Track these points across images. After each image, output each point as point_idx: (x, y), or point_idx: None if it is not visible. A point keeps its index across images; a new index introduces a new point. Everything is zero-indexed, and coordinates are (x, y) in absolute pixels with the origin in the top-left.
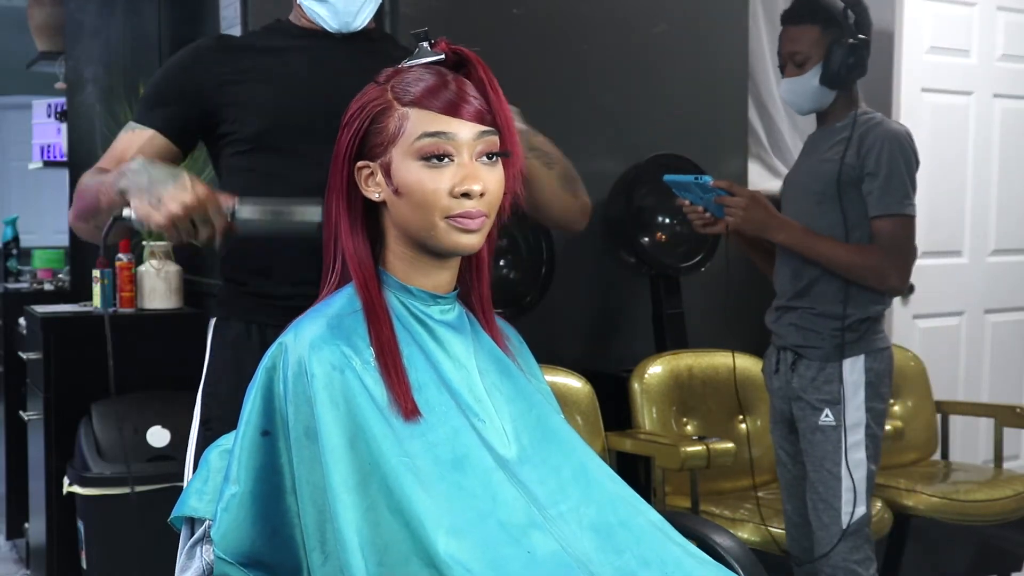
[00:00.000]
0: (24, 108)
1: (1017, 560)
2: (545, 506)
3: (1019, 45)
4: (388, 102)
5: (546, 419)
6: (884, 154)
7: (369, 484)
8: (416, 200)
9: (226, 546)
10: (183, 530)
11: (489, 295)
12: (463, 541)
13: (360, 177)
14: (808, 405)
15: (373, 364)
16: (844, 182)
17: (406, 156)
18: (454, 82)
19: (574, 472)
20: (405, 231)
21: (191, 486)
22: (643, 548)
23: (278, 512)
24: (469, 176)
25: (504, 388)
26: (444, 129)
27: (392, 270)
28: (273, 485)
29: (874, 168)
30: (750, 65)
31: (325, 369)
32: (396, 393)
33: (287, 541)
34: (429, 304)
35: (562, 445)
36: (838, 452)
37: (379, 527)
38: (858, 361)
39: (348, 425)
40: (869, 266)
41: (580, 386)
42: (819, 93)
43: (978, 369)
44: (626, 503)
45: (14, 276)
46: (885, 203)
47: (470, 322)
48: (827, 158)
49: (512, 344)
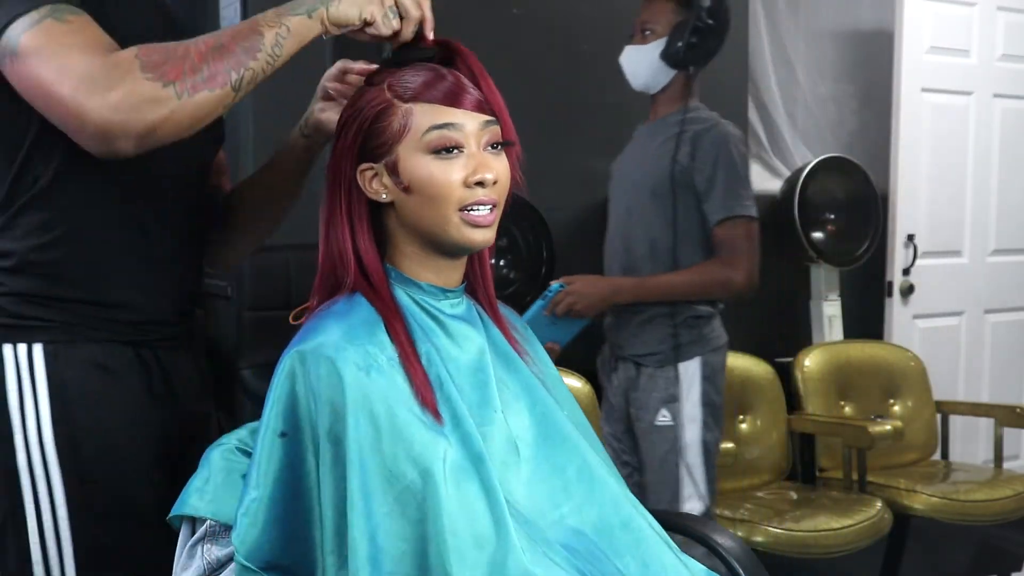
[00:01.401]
0: None
1: (1017, 560)
2: (544, 511)
3: (1019, 45)
4: (388, 100)
5: (551, 416)
6: (720, 160)
7: (392, 486)
8: (430, 193)
9: (248, 552)
10: (182, 529)
11: (492, 284)
12: (480, 553)
13: (364, 179)
14: (645, 405)
15: (398, 361)
16: (677, 183)
17: (415, 152)
18: (450, 75)
19: (578, 471)
20: (416, 228)
21: (191, 485)
22: (643, 551)
23: (297, 514)
24: (481, 165)
25: (510, 383)
26: (451, 120)
27: (400, 268)
28: (292, 487)
29: (710, 174)
30: (750, 65)
31: (351, 370)
32: (424, 396)
33: (304, 543)
34: (439, 299)
35: (566, 443)
36: (675, 451)
37: (394, 536)
38: (694, 362)
39: (374, 427)
40: (710, 282)
41: (580, 386)
42: (656, 69)
43: (978, 369)
44: (629, 504)
45: None
46: (724, 208)
47: (479, 314)
48: (659, 154)
49: (519, 333)
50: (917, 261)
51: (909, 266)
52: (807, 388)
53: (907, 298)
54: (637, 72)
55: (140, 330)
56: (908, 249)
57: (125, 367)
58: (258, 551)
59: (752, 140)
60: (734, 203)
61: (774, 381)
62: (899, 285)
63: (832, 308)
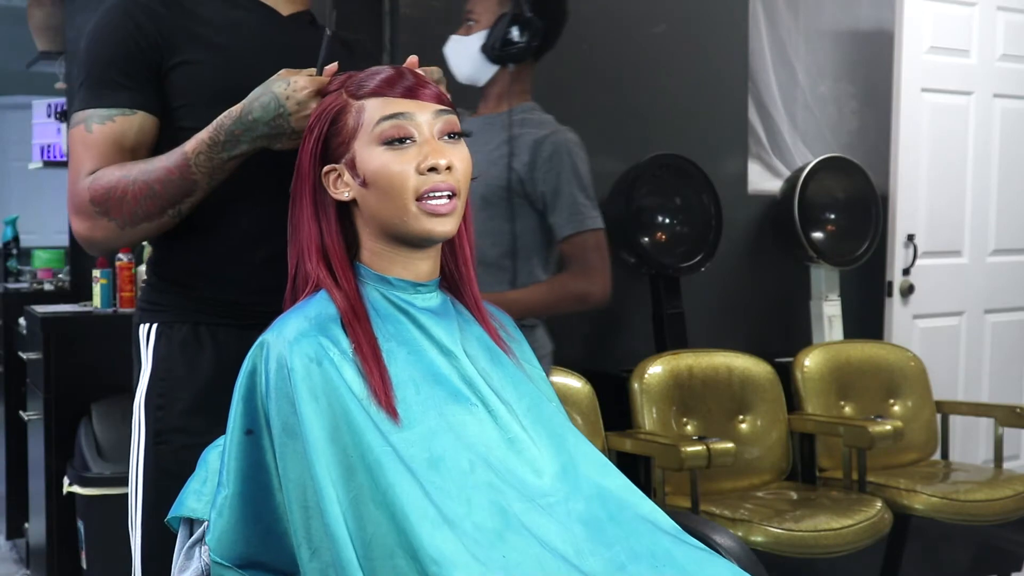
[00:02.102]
0: (24, 108)
1: (1017, 560)
2: (533, 497)
3: (1019, 45)
4: (344, 102)
5: (537, 409)
6: (563, 172)
7: (353, 476)
8: (385, 184)
9: (221, 550)
10: (180, 530)
11: (475, 283)
12: (448, 533)
13: (328, 181)
14: None
15: (351, 355)
16: (515, 193)
17: (368, 144)
18: (409, 72)
19: (563, 465)
20: (379, 223)
21: (189, 486)
22: (633, 541)
23: (269, 510)
24: (433, 151)
25: (494, 376)
26: (401, 110)
27: (370, 265)
28: (261, 484)
29: (554, 187)
30: (750, 65)
31: (303, 362)
32: (377, 392)
33: (281, 538)
34: (410, 292)
35: (553, 437)
36: None
37: (364, 520)
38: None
39: (329, 418)
40: (567, 296)
41: (580, 386)
42: (478, 63)
43: (978, 369)
44: (616, 496)
45: (14, 276)
46: (573, 223)
47: (457, 311)
48: (491, 159)
49: (507, 333)
50: (917, 261)
51: (909, 266)
52: (807, 388)
53: (907, 298)
54: (460, 65)
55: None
56: (908, 249)
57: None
58: (232, 548)
59: (752, 140)
60: (582, 217)
61: (774, 381)
62: (899, 285)
63: (832, 308)
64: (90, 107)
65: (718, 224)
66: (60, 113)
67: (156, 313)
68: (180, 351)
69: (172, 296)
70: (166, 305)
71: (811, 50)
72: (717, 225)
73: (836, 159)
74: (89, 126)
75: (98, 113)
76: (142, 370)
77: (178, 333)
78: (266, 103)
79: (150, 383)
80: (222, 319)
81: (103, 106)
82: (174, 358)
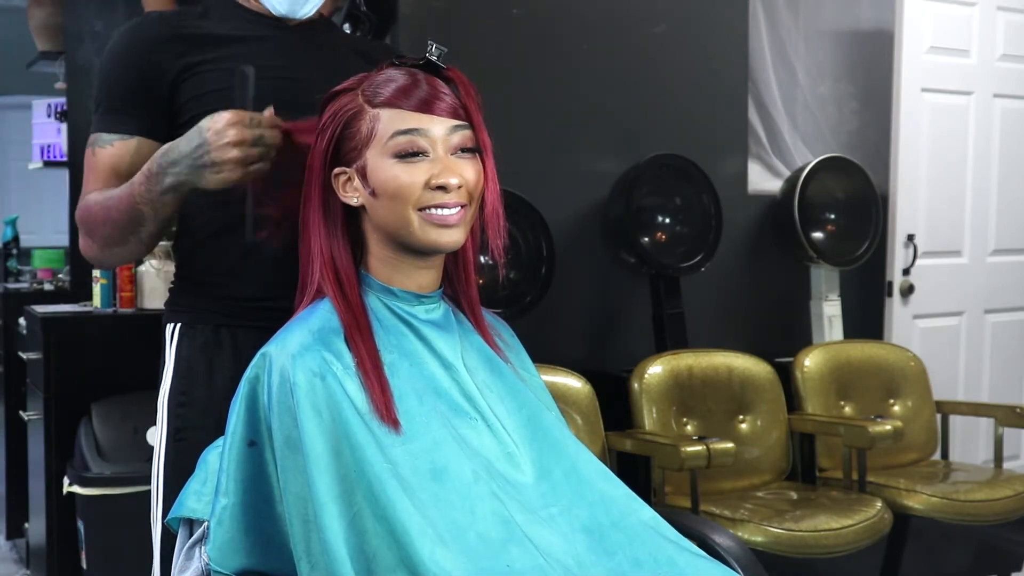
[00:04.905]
0: (24, 108)
1: (1017, 560)
2: (536, 508)
3: (1019, 45)
4: (359, 106)
5: (537, 418)
6: None
7: (354, 492)
8: (391, 195)
9: (222, 560)
10: (180, 531)
11: (477, 293)
12: (447, 550)
13: (337, 183)
14: None
15: (355, 368)
16: None
17: (381, 156)
18: (425, 81)
19: (565, 473)
20: (385, 232)
21: (189, 487)
22: (635, 548)
23: (270, 521)
24: (445, 169)
25: (494, 386)
26: (416, 126)
27: (375, 274)
28: (263, 495)
29: None
30: (750, 65)
31: (307, 376)
32: (378, 405)
33: (281, 549)
34: (413, 304)
35: (554, 445)
36: None
37: (365, 536)
38: None
39: (331, 433)
40: None
41: (580, 386)
42: None
43: (978, 369)
44: (618, 503)
45: (14, 276)
46: None
47: (458, 320)
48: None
49: (503, 341)
50: (917, 261)
51: (909, 266)
52: (807, 388)
53: (907, 298)
54: None
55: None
56: (908, 249)
57: (228, 348)
58: (233, 558)
59: (752, 140)
60: None
61: (774, 381)
62: (899, 285)
63: (832, 308)
64: (98, 131)
65: (718, 224)
66: (60, 113)
67: (179, 314)
68: (201, 351)
69: (193, 297)
70: (188, 306)
71: (811, 50)
72: (717, 225)
73: (836, 159)
74: (94, 149)
75: (102, 137)
76: (165, 368)
77: (200, 334)
78: (191, 136)
79: (173, 382)
80: (242, 321)
81: (106, 131)
82: (195, 358)
